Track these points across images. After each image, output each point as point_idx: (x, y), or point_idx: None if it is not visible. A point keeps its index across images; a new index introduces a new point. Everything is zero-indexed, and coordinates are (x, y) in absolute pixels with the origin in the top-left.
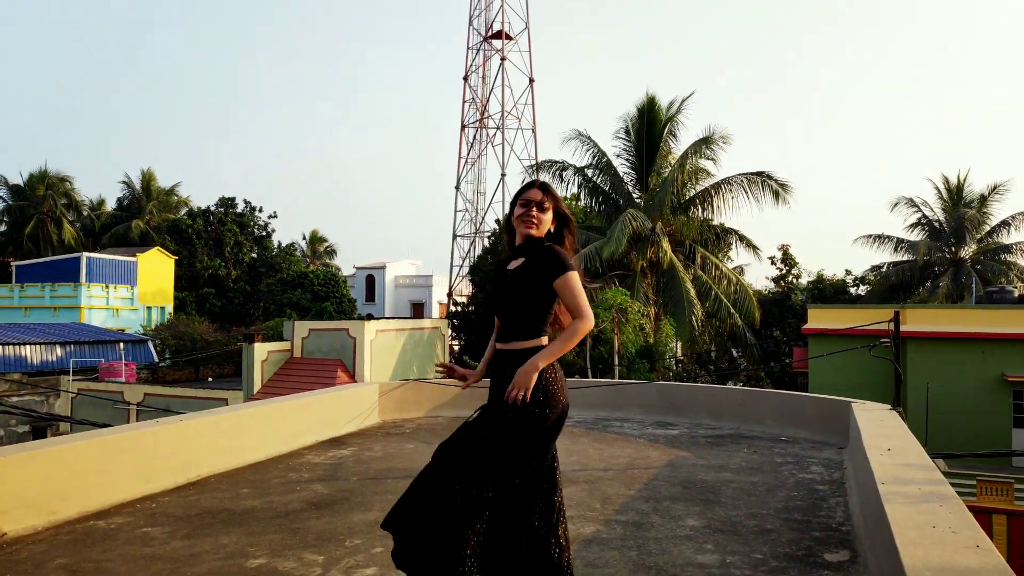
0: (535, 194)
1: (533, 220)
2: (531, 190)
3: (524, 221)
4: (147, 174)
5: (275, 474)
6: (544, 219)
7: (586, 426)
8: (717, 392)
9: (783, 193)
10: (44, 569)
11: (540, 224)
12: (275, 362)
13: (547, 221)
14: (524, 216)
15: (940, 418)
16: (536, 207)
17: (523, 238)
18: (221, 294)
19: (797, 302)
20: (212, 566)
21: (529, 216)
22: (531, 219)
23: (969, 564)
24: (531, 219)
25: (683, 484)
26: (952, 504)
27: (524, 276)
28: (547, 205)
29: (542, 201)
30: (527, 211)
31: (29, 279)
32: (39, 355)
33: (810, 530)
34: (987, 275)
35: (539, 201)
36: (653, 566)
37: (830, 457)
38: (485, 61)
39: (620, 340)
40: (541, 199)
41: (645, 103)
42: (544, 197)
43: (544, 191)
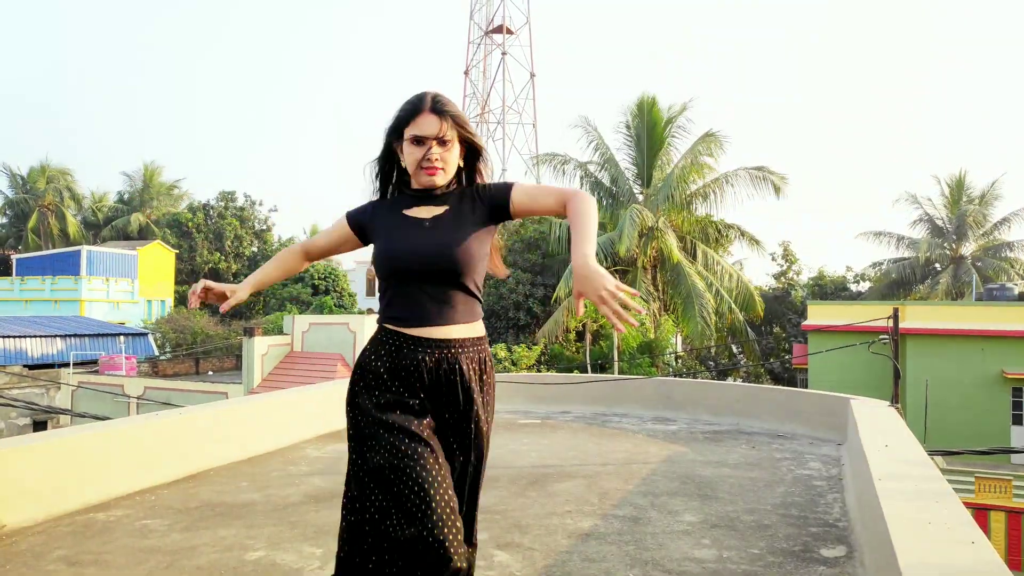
0: (430, 123)
1: (436, 165)
2: (421, 117)
3: (425, 168)
4: (149, 168)
5: (274, 467)
6: (451, 158)
7: (585, 421)
8: (716, 388)
9: (782, 186)
10: (43, 560)
11: (447, 167)
12: (275, 356)
13: (455, 157)
14: (424, 163)
15: (939, 415)
16: (438, 143)
17: (423, 186)
18: None
19: (797, 299)
20: (211, 558)
21: (430, 161)
22: (432, 168)
23: (965, 560)
24: (432, 168)
25: (681, 479)
26: (949, 501)
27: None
28: (450, 135)
29: (443, 135)
30: (425, 153)
31: (29, 272)
32: (39, 348)
33: (807, 526)
34: (988, 272)
35: (441, 136)
36: (650, 560)
37: (828, 453)
38: (486, 56)
39: (620, 336)
40: (440, 130)
41: (644, 101)
42: (443, 125)
43: (441, 113)
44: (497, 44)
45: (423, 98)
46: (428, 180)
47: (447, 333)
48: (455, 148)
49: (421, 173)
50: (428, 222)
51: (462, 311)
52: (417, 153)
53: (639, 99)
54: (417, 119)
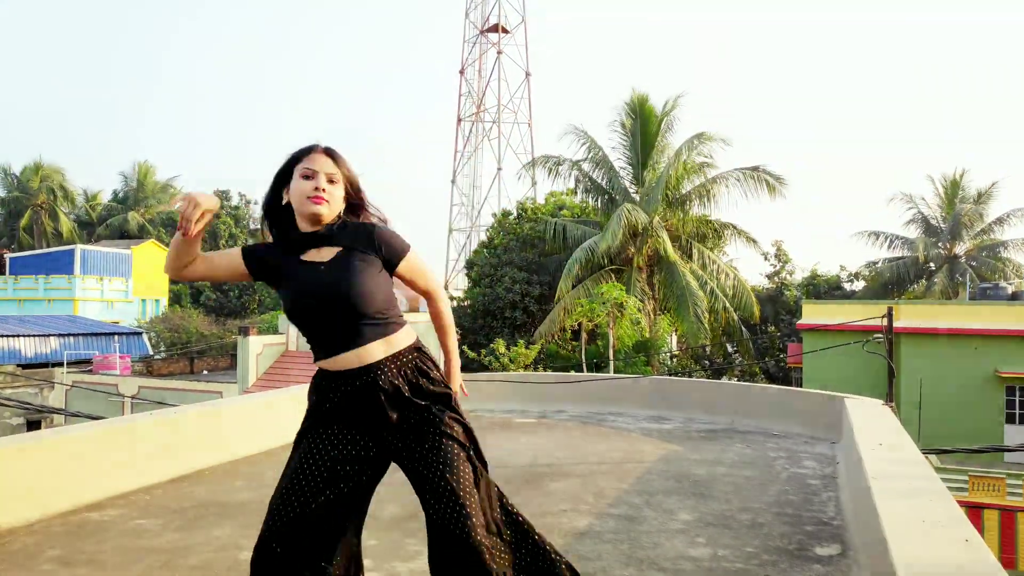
0: (322, 161)
1: (323, 197)
2: (314, 154)
3: (312, 198)
4: (143, 167)
5: (269, 467)
6: (336, 195)
7: (580, 420)
8: (711, 387)
9: (778, 186)
10: (37, 560)
11: (332, 202)
12: (270, 355)
13: (340, 198)
14: (312, 193)
15: (932, 414)
16: (327, 180)
17: (309, 220)
18: (216, 287)
19: (791, 298)
20: (205, 558)
21: (318, 191)
22: (319, 197)
23: (958, 558)
24: (319, 197)
25: (676, 478)
26: (942, 499)
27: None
28: (337, 177)
29: (333, 176)
30: (314, 185)
31: (23, 271)
32: (33, 347)
33: (802, 524)
34: (982, 272)
35: (329, 175)
36: (645, 559)
37: (823, 452)
38: (481, 55)
39: (616, 335)
40: (332, 172)
41: (637, 99)
42: (335, 164)
43: (333, 156)
44: (492, 43)
45: (317, 143)
46: (314, 208)
47: (361, 360)
48: (341, 189)
49: (308, 203)
50: (324, 265)
51: (370, 335)
52: (306, 185)
53: (632, 97)
54: (309, 156)
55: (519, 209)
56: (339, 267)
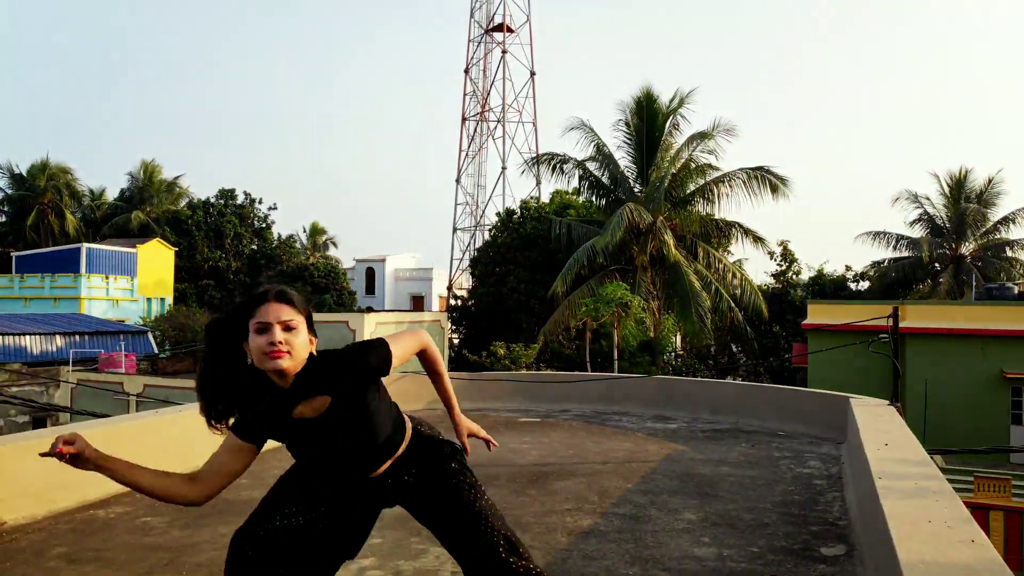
0: (274, 311)
1: (281, 349)
2: (264, 306)
3: (269, 354)
4: (150, 166)
5: (274, 465)
6: (298, 342)
7: (584, 419)
8: (716, 387)
9: (782, 187)
10: (44, 558)
11: (294, 352)
12: None
13: (303, 343)
14: (268, 348)
15: (938, 414)
16: (283, 328)
17: (275, 376)
18: (221, 286)
19: (797, 298)
20: (211, 556)
21: (274, 348)
22: (278, 351)
23: (964, 559)
24: (278, 351)
25: (681, 478)
26: (948, 499)
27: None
28: (296, 322)
29: (289, 322)
30: (269, 339)
31: (29, 269)
32: (39, 345)
33: (807, 524)
34: (988, 272)
35: (285, 322)
36: (650, 559)
37: (828, 452)
38: (486, 54)
39: (620, 334)
40: (288, 318)
41: (643, 96)
42: (292, 311)
43: (286, 300)
44: (497, 42)
45: (267, 291)
46: (273, 365)
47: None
48: (302, 334)
49: (267, 360)
50: (318, 421)
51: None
52: (261, 340)
53: (638, 95)
54: (260, 308)
55: (523, 208)
56: (335, 420)
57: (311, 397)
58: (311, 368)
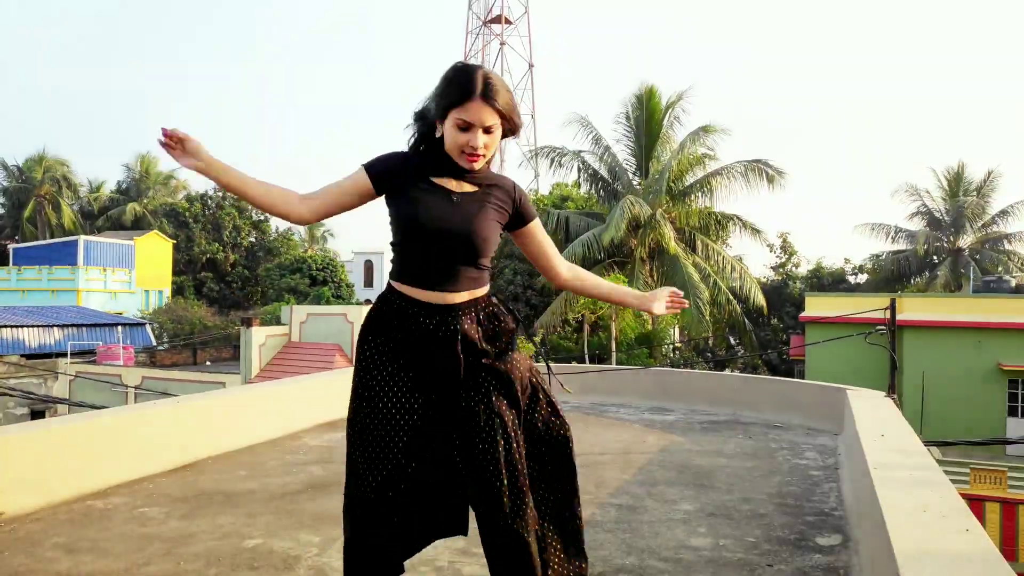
0: (480, 112)
1: (479, 155)
2: (471, 104)
3: (467, 155)
4: (146, 159)
5: (272, 456)
6: (493, 146)
7: (583, 411)
8: (713, 379)
9: (779, 179)
10: (41, 547)
11: (488, 155)
12: (273, 346)
13: (496, 145)
14: (467, 149)
15: (935, 407)
16: (484, 132)
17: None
18: (219, 278)
19: (795, 290)
20: (209, 546)
21: (474, 152)
22: (475, 155)
23: (959, 547)
24: (475, 155)
25: (678, 469)
26: (944, 489)
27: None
28: (496, 126)
29: (491, 126)
30: (469, 141)
31: (27, 262)
32: (37, 338)
33: (803, 515)
34: (985, 264)
35: (488, 127)
36: (646, 548)
37: (824, 443)
38: (484, 46)
39: (618, 327)
40: (491, 123)
41: (644, 91)
42: (495, 115)
43: (494, 101)
44: (496, 34)
45: (474, 82)
46: (468, 166)
47: (451, 299)
48: (498, 134)
49: (462, 158)
50: (456, 196)
51: (468, 282)
52: (461, 138)
53: (638, 89)
54: (466, 104)
55: None
56: (473, 204)
57: (467, 180)
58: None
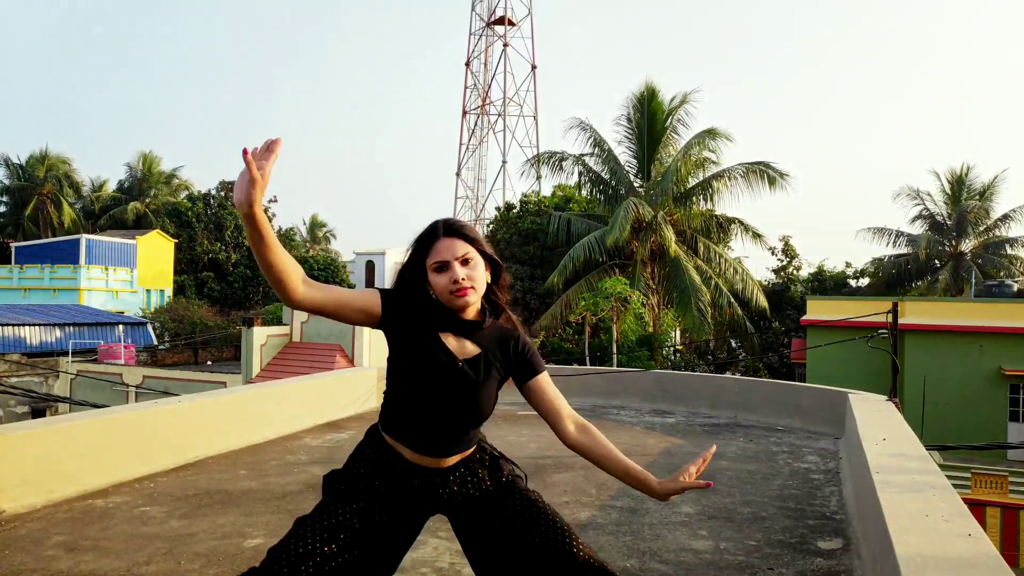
0: (453, 246)
1: (466, 287)
2: (443, 240)
3: (455, 293)
4: (148, 157)
5: (273, 456)
6: (478, 275)
7: (583, 413)
8: (714, 381)
9: (782, 182)
10: (42, 546)
11: (476, 286)
12: (274, 346)
13: (482, 275)
14: (452, 287)
15: (936, 411)
16: (461, 264)
17: (458, 310)
18: (221, 278)
19: (796, 293)
20: (209, 545)
21: (459, 285)
22: (462, 289)
23: (961, 552)
24: (462, 289)
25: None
26: (945, 494)
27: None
28: (471, 254)
29: (465, 255)
30: (451, 277)
31: (28, 260)
32: (38, 336)
33: (804, 518)
34: (987, 269)
35: (463, 257)
36: (648, 551)
37: (826, 447)
38: (487, 47)
39: (619, 329)
40: (464, 252)
41: (646, 92)
42: (467, 244)
43: (461, 235)
44: (499, 35)
45: (435, 226)
46: (461, 303)
47: (443, 463)
48: (480, 265)
49: (454, 298)
50: (460, 362)
51: (462, 444)
52: (443, 280)
53: (640, 91)
54: (435, 246)
55: (522, 202)
56: (476, 372)
57: (470, 338)
58: (493, 327)
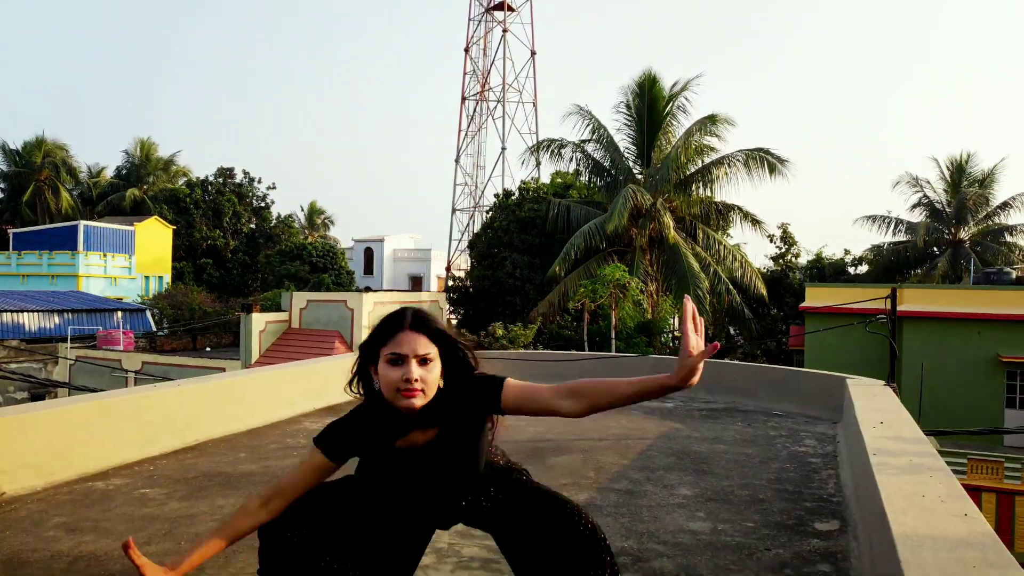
0: (411, 342)
1: (416, 389)
2: (401, 336)
3: (402, 392)
4: (146, 143)
5: (272, 440)
6: (431, 380)
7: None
8: (713, 367)
9: (782, 168)
10: (43, 527)
11: (427, 390)
12: (273, 332)
13: (435, 379)
14: (403, 385)
15: (934, 398)
16: (419, 363)
17: (403, 409)
18: (219, 264)
19: (795, 281)
20: (210, 526)
21: (409, 386)
22: (412, 390)
23: (957, 532)
24: (412, 390)
25: (677, 455)
26: (942, 475)
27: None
28: (432, 354)
29: (426, 355)
30: (404, 375)
31: (26, 247)
32: (37, 322)
33: (801, 500)
34: (987, 256)
35: (422, 356)
36: (645, 532)
37: (824, 431)
38: (487, 33)
39: (618, 316)
40: (425, 352)
41: (646, 78)
42: (430, 344)
43: (428, 331)
44: (498, 21)
45: (403, 314)
46: (406, 404)
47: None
48: (436, 368)
49: (399, 396)
50: (422, 454)
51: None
52: (394, 374)
53: (640, 77)
54: (396, 336)
55: (522, 190)
56: (441, 453)
57: (426, 428)
58: (435, 400)
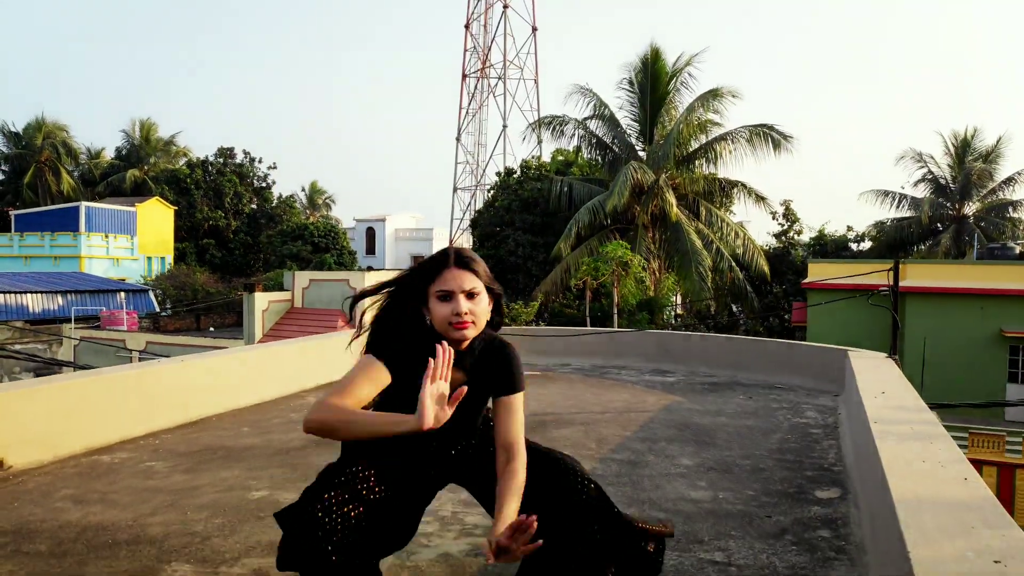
0: (462, 278)
1: (467, 321)
2: (452, 270)
3: (455, 325)
4: (145, 124)
5: (275, 414)
6: (480, 311)
7: (583, 373)
8: (714, 341)
9: (786, 144)
10: (51, 499)
11: (477, 321)
12: (276, 312)
13: (484, 311)
14: (454, 319)
15: (936, 373)
16: (466, 297)
17: (454, 341)
18: (221, 245)
19: (798, 258)
20: (213, 497)
21: (460, 319)
22: (463, 322)
23: (957, 495)
24: (463, 322)
25: (678, 427)
26: (943, 441)
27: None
28: (478, 288)
29: (472, 289)
30: (455, 309)
31: (28, 228)
32: (40, 304)
33: (802, 470)
34: (991, 232)
35: (469, 290)
36: (647, 500)
37: (825, 404)
38: (487, 9)
39: (620, 293)
40: (471, 286)
41: (649, 54)
42: (475, 279)
43: (469, 266)
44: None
45: (447, 254)
46: (460, 335)
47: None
48: (484, 301)
49: (451, 329)
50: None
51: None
52: (444, 310)
53: (643, 52)
54: (443, 274)
55: (523, 168)
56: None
57: (459, 365)
58: (481, 345)
